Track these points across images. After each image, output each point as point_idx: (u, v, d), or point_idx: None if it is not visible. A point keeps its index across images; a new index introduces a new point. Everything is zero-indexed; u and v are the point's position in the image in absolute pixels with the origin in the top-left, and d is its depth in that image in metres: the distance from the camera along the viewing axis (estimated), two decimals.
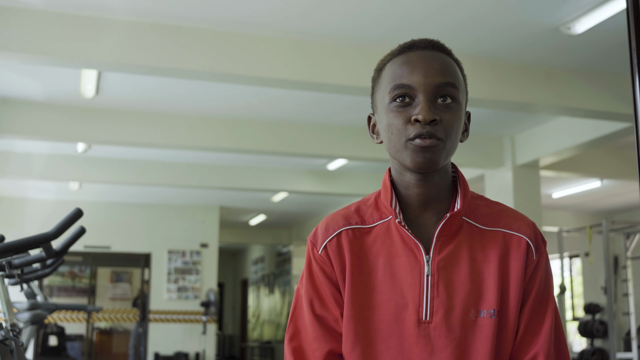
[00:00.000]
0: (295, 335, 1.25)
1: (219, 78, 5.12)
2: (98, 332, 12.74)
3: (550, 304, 1.23)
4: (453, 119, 1.19)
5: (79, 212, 2.66)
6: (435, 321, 1.18)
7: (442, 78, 1.19)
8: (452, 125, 1.19)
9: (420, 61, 1.21)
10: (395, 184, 1.27)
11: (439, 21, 4.73)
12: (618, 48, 5.13)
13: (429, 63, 1.20)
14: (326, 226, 1.28)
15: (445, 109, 1.19)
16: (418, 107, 1.18)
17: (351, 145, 7.47)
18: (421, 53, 1.22)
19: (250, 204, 12.04)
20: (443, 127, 1.18)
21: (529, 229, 1.25)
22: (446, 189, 1.26)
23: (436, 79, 1.19)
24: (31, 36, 4.57)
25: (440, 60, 1.22)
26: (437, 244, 1.22)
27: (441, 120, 1.18)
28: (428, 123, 1.16)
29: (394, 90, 1.20)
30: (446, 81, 1.19)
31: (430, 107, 1.17)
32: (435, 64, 1.21)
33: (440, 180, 1.24)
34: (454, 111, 1.19)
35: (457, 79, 1.22)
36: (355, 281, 1.23)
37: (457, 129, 1.20)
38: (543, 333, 1.20)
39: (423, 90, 1.18)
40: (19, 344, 2.72)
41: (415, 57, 1.22)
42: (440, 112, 1.18)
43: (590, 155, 8.11)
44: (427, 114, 1.16)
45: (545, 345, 1.19)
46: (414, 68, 1.20)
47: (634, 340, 8.01)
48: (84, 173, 8.69)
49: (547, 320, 1.21)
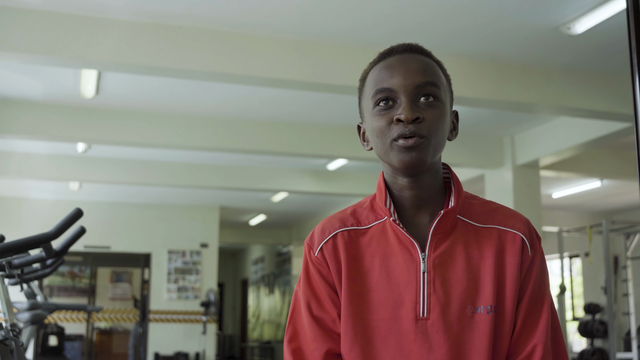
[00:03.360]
0: (294, 337, 1.27)
1: (219, 78, 5.12)
2: (98, 332, 12.74)
3: (547, 299, 1.25)
4: (436, 117, 1.21)
5: (79, 212, 2.66)
6: (432, 318, 1.20)
7: (422, 78, 1.22)
8: (436, 123, 1.21)
9: (399, 64, 1.24)
10: (389, 187, 1.29)
11: (439, 22, 4.73)
12: (618, 48, 5.13)
13: (408, 65, 1.23)
14: (322, 229, 1.30)
15: (428, 107, 1.21)
16: (400, 108, 1.20)
17: (351, 145, 7.47)
18: (400, 57, 1.26)
19: (250, 204, 12.04)
20: (426, 125, 1.20)
21: (524, 225, 1.26)
22: (438, 188, 1.28)
23: (416, 79, 1.22)
24: (31, 36, 4.57)
25: (418, 61, 1.25)
26: (432, 242, 1.23)
27: (424, 118, 1.20)
28: (411, 122, 1.19)
29: (376, 94, 1.23)
30: (426, 80, 1.22)
31: (412, 107, 1.20)
32: (414, 65, 1.23)
33: (431, 181, 1.26)
34: (437, 109, 1.22)
35: (437, 78, 1.24)
36: (352, 281, 1.24)
37: (442, 126, 1.22)
38: (540, 327, 1.22)
39: (404, 91, 1.21)
40: (19, 344, 2.72)
41: (394, 61, 1.25)
42: (423, 111, 1.21)
43: (590, 155, 8.11)
44: (408, 112, 1.19)
45: (543, 338, 1.21)
46: (394, 71, 1.23)
47: (634, 340, 8.00)
48: (84, 173, 8.69)
49: (544, 315, 1.23)
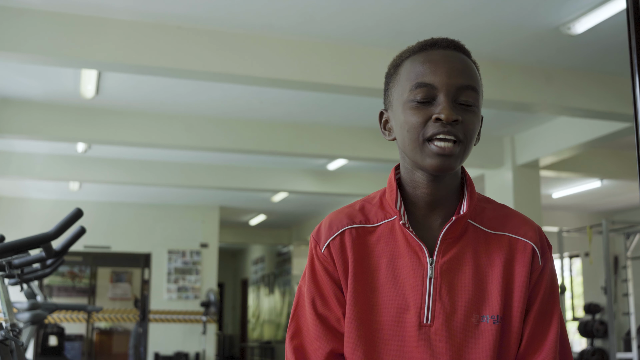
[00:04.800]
0: (296, 334, 1.23)
1: (219, 78, 5.12)
2: (98, 332, 12.74)
3: (556, 311, 1.20)
4: (473, 121, 1.17)
5: (79, 212, 2.66)
6: (436, 325, 1.16)
7: (465, 80, 1.17)
8: (473, 127, 1.17)
9: (443, 61, 1.18)
10: (402, 183, 1.25)
11: (439, 21, 4.73)
12: (618, 48, 5.13)
13: (452, 63, 1.18)
14: (330, 224, 1.25)
15: (466, 110, 1.17)
16: (440, 106, 1.15)
17: (351, 145, 7.47)
18: (444, 52, 1.20)
19: (250, 204, 12.04)
20: (463, 129, 1.15)
21: (535, 234, 1.23)
22: (455, 190, 1.24)
23: (459, 80, 1.16)
24: (31, 36, 4.57)
25: (462, 61, 1.20)
26: (441, 247, 1.19)
27: (463, 121, 1.15)
28: (450, 123, 1.14)
29: (415, 88, 1.17)
30: (468, 84, 1.17)
31: (452, 108, 1.15)
32: (458, 65, 1.18)
33: (450, 182, 1.22)
34: (474, 114, 1.18)
35: (477, 82, 1.19)
36: (358, 281, 1.21)
37: (476, 132, 1.19)
38: (548, 342, 1.18)
39: (445, 90, 1.16)
40: (19, 344, 2.72)
41: (437, 56, 1.19)
42: (462, 113, 1.16)
43: (590, 155, 8.10)
44: (450, 113, 1.14)
45: (552, 354, 1.17)
46: (437, 67, 1.17)
47: (634, 340, 8.01)
48: (84, 173, 8.69)
49: (553, 328, 1.19)
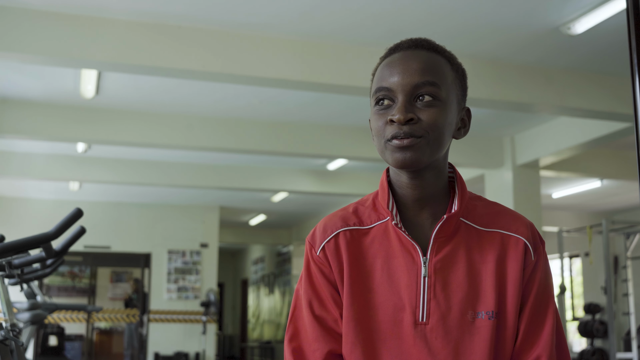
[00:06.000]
0: (295, 336, 1.25)
1: (219, 78, 5.12)
2: (98, 332, 12.75)
3: (551, 305, 1.22)
4: (434, 117, 1.17)
5: (79, 212, 2.65)
6: (431, 323, 1.18)
7: (420, 77, 1.18)
8: (434, 122, 1.17)
9: (400, 62, 1.21)
10: (392, 185, 1.27)
11: (439, 21, 4.73)
12: (618, 48, 5.13)
13: (408, 64, 1.20)
14: (324, 227, 1.28)
15: (425, 107, 1.17)
16: (395, 108, 1.18)
17: (351, 145, 7.47)
18: (403, 54, 1.22)
19: (250, 204, 12.04)
20: (422, 126, 1.16)
21: (527, 229, 1.24)
22: (442, 188, 1.25)
23: (414, 78, 1.18)
24: (31, 36, 4.57)
25: (420, 59, 1.21)
26: (434, 246, 1.21)
27: (420, 119, 1.17)
28: (404, 123, 1.16)
29: (376, 93, 1.22)
30: (424, 80, 1.18)
31: (406, 107, 1.17)
32: (414, 64, 1.20)
33: (434, 180, 1.23)
34: (436, 108, 1.18)
35: (438, 76, 1.20)
36: (354, 282, 1.22)
37: (442, 126, 1.18)
38: (544, 335, 1.19)
39: (401, 91, 1.18)
40: (19, 344, 2.72)
41: (396, 58, 1.22)
42: (420, 111, 1.17)
43: (590, 155, 8.10)
44: (401, 114, 1.16)
45: (548, 348, 1.18)
46: (394, 69, 1.20)
47: (634, 340, 8.01)
48: (84, 173, 8.69)
49: (548, 322, 1.20)
